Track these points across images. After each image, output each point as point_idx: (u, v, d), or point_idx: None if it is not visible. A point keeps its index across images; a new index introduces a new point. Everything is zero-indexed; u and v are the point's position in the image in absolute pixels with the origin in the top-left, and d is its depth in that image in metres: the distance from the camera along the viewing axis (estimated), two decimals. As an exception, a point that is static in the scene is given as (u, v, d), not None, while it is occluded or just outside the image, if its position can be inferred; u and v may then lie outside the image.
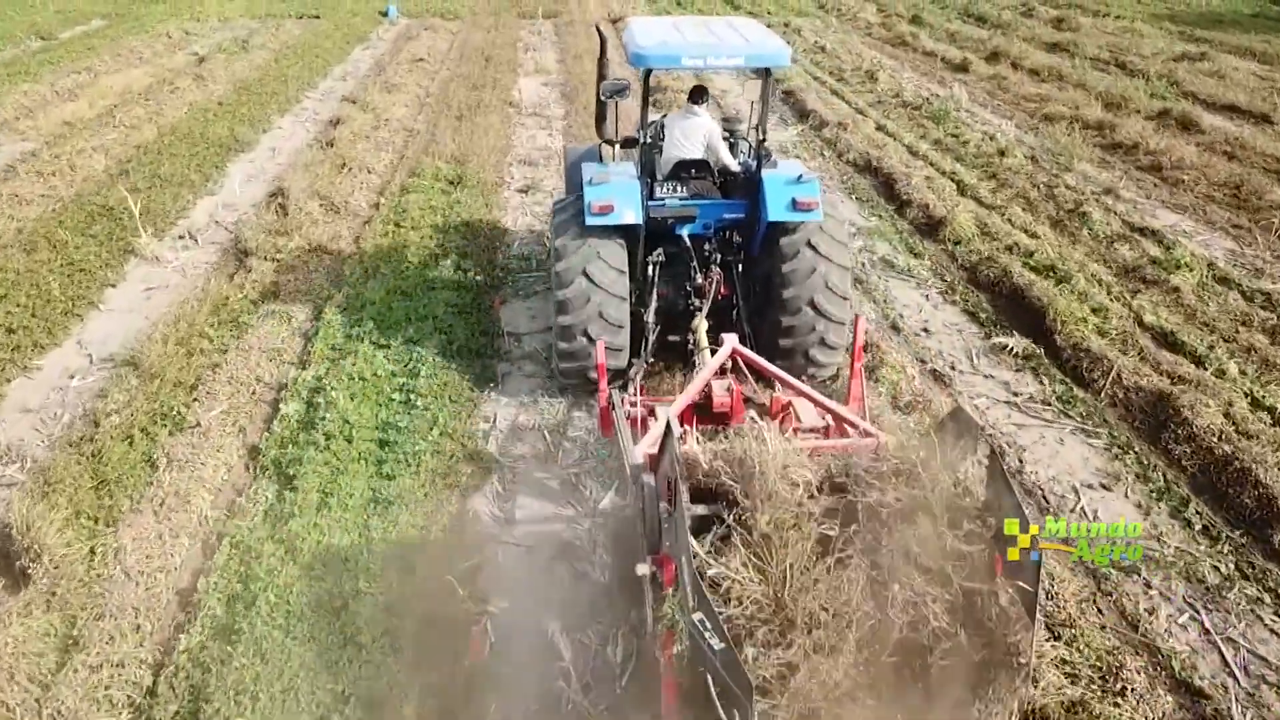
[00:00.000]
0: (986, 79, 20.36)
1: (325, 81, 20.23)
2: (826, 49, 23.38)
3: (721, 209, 7.76)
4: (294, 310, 9.53)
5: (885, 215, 12.63)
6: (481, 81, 19.48)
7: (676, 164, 7.77)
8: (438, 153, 14.52)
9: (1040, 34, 25.12)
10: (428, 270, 10.26)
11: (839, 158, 15.02)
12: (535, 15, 28.15)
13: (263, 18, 27.74)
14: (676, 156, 7.81)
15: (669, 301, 7.85)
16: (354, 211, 12.32)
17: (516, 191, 13.35)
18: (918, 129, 16.59)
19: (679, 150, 7.83)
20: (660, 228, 7.68)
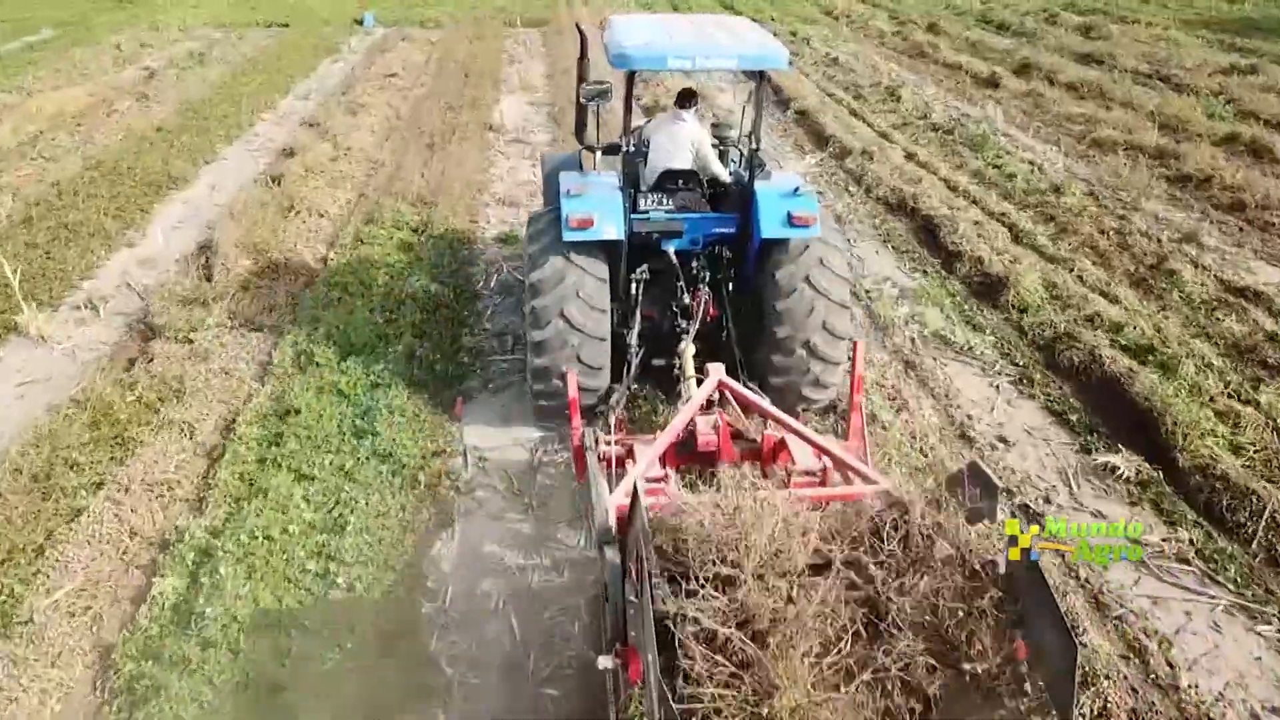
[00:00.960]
0: (1020, 96, 18.35)
1: (285, 101, 18.15)
2: (839, 61, 21.37)
3: (711, 223, 7.16)
4: (199, 418, 7.45)
5: (932, 271, 10.59)
6: (459, 100, 17.42)
7: (662, 174, 7.14)
8: (402, 191, 12.46)
9: (1069, 43, 23.14)
10: (374, 358, 8.19)
11: (867, 194, 12.98)
12: (515, 24, 26.09)
13: (227, 27, 25.66)
14: (662, 166, 7.19)
15: (654, 323, 7.26)
16: (295, 270, 10.25)
17: (493, 240, 11.30)
18: (953, 157, 14.57)
19: (665, 159, 7.21)
20: (645, 243, 7.09)
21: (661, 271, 7.27)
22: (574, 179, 7.06)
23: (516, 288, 9.94)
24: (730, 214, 7.16)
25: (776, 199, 6.71)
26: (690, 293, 7.12)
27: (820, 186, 13.40)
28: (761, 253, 6.93)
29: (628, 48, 6.40)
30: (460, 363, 8.41)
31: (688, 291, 7.13)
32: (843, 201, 12.78)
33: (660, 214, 7.08)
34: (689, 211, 7.15)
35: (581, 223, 6.51)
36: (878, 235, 11.67)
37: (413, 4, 29.95)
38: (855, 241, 11.43)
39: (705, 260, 7.30)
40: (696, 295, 7.10)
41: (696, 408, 5.58)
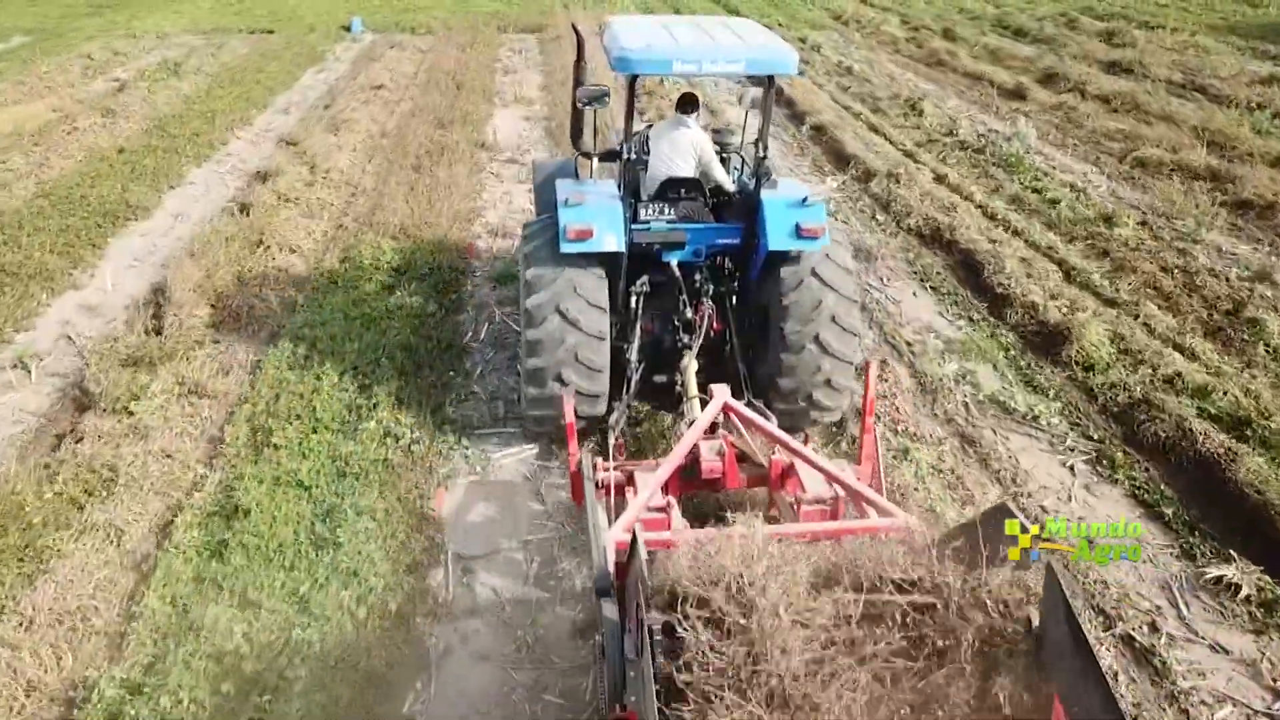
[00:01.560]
0: (1049, 109, 17.16)
1: (263, 116, 16.92)
2: (854, 70, 20.17)
3: (714, 234, 6.90)
4: (130, 519, 6.24)
5: (979, 318, 9.38)
6: (449, 115, 16.19)
7: (664, 182, 6.87)
8: (384, 223, 11.24)
9: (1093, 51, 21.94)
10: (343, 435, 6.99)
11: (897, 224, 11.78)
12: (507, 30, 24.91)
13: (208, 34, 24.42)
14: (664, 174, 6.94)
15: (654, 338, 7.00)
16: (259, 320, 9.04)
17: (485, 279, 10.10)
18: (986, 180, 13.37)
19: (666, 167, 6.98)
20: (645, 254, 6.83)
21: (662, 284, 6.98)
22: (571, 187, 6.69)
23: (511, 338, 8.75)
24: (735, 224, 6.89)
25: (784, 209, 6.38)
26: (693, 306, 6.83)
27: (844, 214, 12.20)
28: (767, 265, 6.65)
29: (629, 51, 6.05)
30: (441, 435, 7.19)
31: (690, 305, 6.83)
32: (871, 233, 11.56)
33: (662, 224, 6.80)
34: (691, 221, 6.89)
35: (580, 234, 6.21)
36: (913, 273, 10.46)
37: (403, 9, 28.74)
38: (888, 281, 10.23)
39: (708, 272, 7.01)
40: (699, 309, 6.82)
41: (700, 432, 5.36)
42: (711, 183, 7.13)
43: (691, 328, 6.78)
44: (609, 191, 6.68)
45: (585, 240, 6.23)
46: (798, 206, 6.40)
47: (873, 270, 10.40)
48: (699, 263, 6.99)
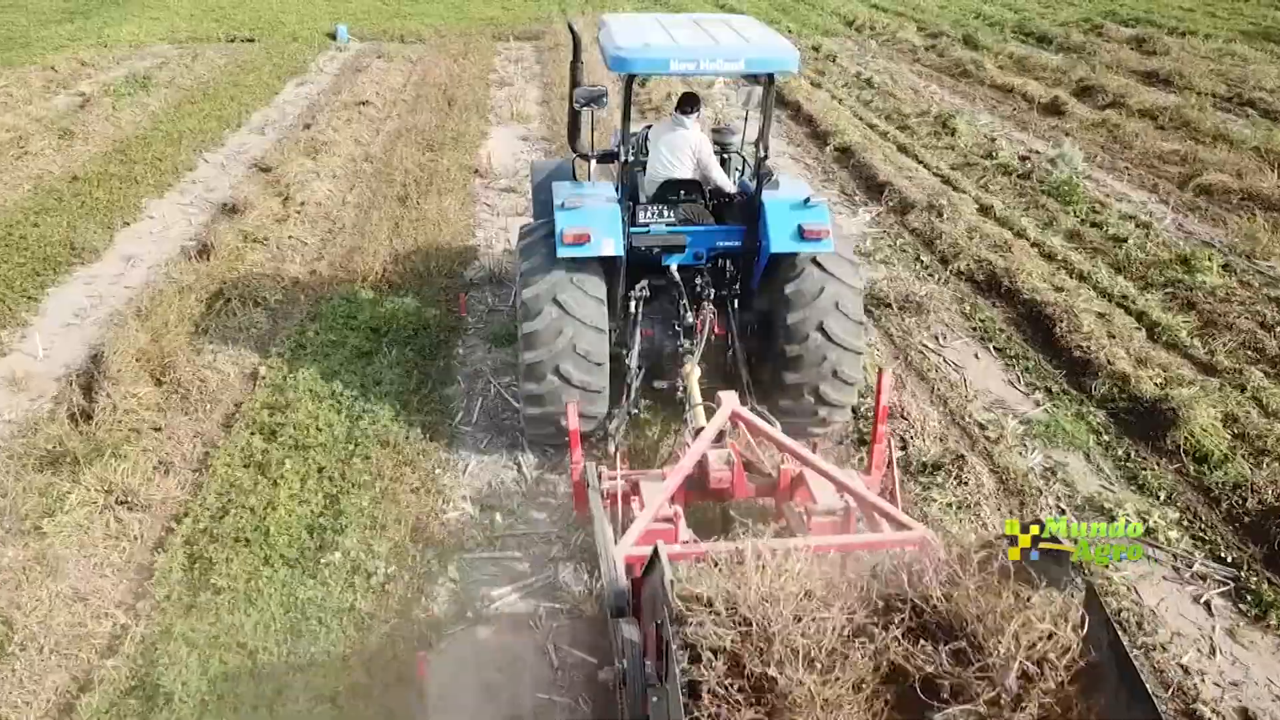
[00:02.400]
0: (1092, 126, 15.80)
1: (236, 136, 15.49)
2: (874, 83, 18.79)
3: (715, 236, 6.80)
4: (17, 700, 4.82)
5: (1058, 390, 8.00)
6: (440, 137, 14.79)
7: (663, 184, 6.74)
8: (364, 269, 9.85)
9: (1126, 60, 20.61)
10: (299, 571, 5.59)
11: (944, 265, 10.40)
12: (502, 37, 23.52)
13: (184, 43, 22.97)
14: (663, 175, 6.81)
15: (655, 343, 6.87)
16: (211, 399, 7.65)
17: (480, 340, 8.72)
18: (1037, 211, 12.00)
19: (665, 168, 6.84)
20: (645, 258, 6.70)
21: (662, 288, 6.87)
22: (568, 190, 6.58)
23: (509, 417, 7.37)
24: (736, 227, 6.75)
25: (786, 211, 6.25)
26: (694, 310, 6.70)
27: (883, 253, 10.82)
28: (769, 267, 6.52)
29: (625, 50, 5.89)
30: (425, 565, 5.79)
31: (691, 309, 6.69)
32: (917, 278, 10.17)
33: (661, 227, 6.69)
34: (692, 224, 6.82)
35: (577, 238, 6.07)
36: (972, 330, 9.08)
37: (392, 14, 27.30)
38: (945, 340, 8.85)
39: (709, 276, 6.86)
40: (700, 313, 6.70)
41: (709, 441, 5.15)
42: (711, 184, 6.94)
43: (693, 332, 6.61)
44: (606, 194, 6.52)
45: (583, 245, 6.06)
46: (800, 208, 6.25)
47: (925, 326, 9.01)
48: (700, 266, 6.83)
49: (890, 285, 9.75)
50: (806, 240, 6.18)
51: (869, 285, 9.76)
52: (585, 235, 6.06)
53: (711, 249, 6.80)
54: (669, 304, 6.85)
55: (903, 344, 8.73)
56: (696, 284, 6.80)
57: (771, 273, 6.51)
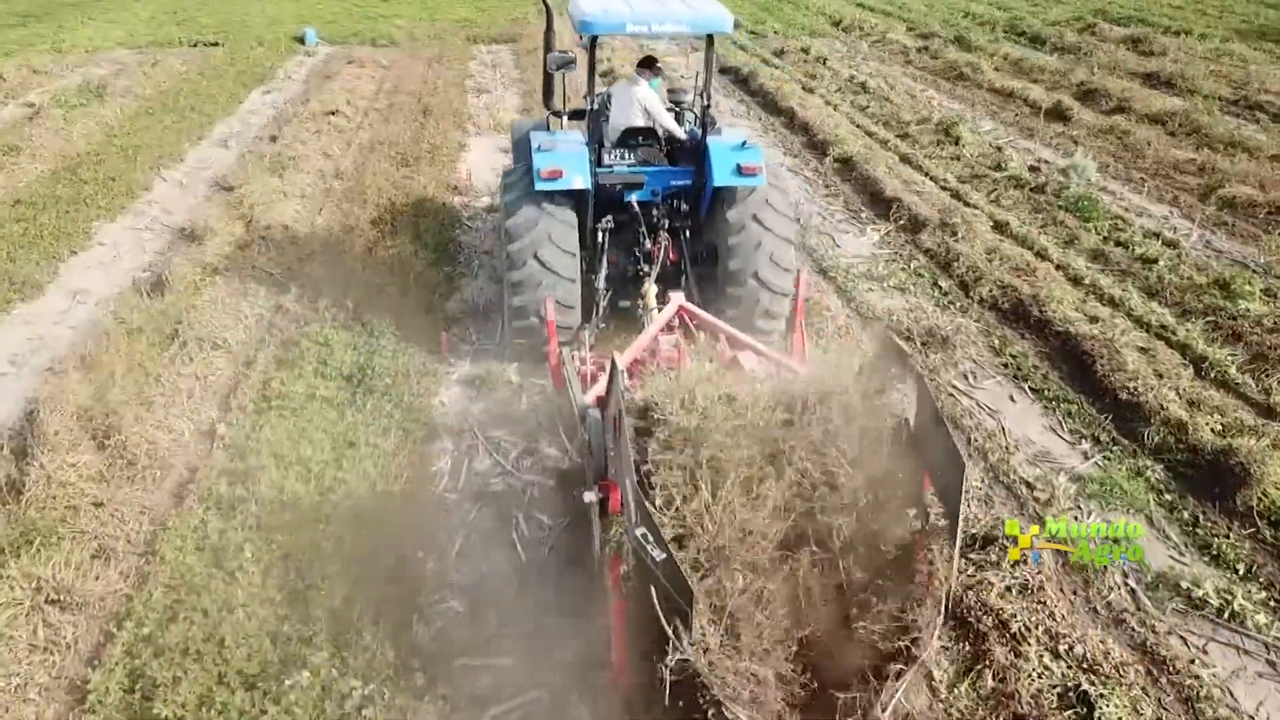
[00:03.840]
0: (1099, 133, 15.14)
1: (198, 149, 14.51)
2: (868, 87, 18.04)
3: (669, 176, 7.88)
4: None
5: (1107, 439, 7.26)
6: (415, 148, 13.90)
7: (624, 132, 7.88)
8: (336, 305, 8.95)
9: (1123, 61, 20.03)
10: (259, 695, 4.72)
11: (965, 293, 9.65)
12: (478, 40, 22.61)
13: (144, 48, 21.86)
14: (623, 124, 7.93)
15: (619, 268, 7.89)
16: (160, 463, 6.77)
17: (462, 388, 7.85)
18: (1056, 228, 11.28)
19: (625, 118, 7.95)
20: (609, 195, 7.75)
21: (625, 221, 7.83)
22: (544, 137, 7.55)
23: (500, 483, 6.53)
24: (686, 167, 7.82)
25: (726, 151, 7.32)
26: (651, 239, 7.70)
27: (898, 278, 10.05)
28: (714, 201, 7.63)
29: (589, 15, 6.89)
30: (408, 680, 4.93)
31: (649, 238, 7.70)
32: (939, 306, 9.42)
33: (622, 167, 7.77)
34: (648, 165, 7.85)
35: (551, 173, 7.07)
36: (1004, 367, 8.32)
37: (363, 16, 26.30)
38: (976, 380, 8.10)
39: (665, 210, 7.86)
40: (657, 240, 7.69)
41: (661, 325, 6.18)
42: (664, 131, 7.98)
43: (650, 258, 7.62)
44: (577, 139, 7.54)
45: (556, 180, 7.07)
46: (738, 149, 7.32)
47: (952, 364, 8.25)
48: (656, 201, 7.87)
49: (911, 317, 8.99)
50: (744, 175, 7.26)
51: (888, 316, 9.02)
52: (558, 171, 7.08)
53: (666, 187, 7.89)
54: (631, 235, 7.84)
55: (930, 385, 7.94)
56: (654, 216, 7.83)
57: (716, 206, 7.66)
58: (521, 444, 7.12)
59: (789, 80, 18.38)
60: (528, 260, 7.20)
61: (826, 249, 10.85)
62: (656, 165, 7.91)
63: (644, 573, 3.61)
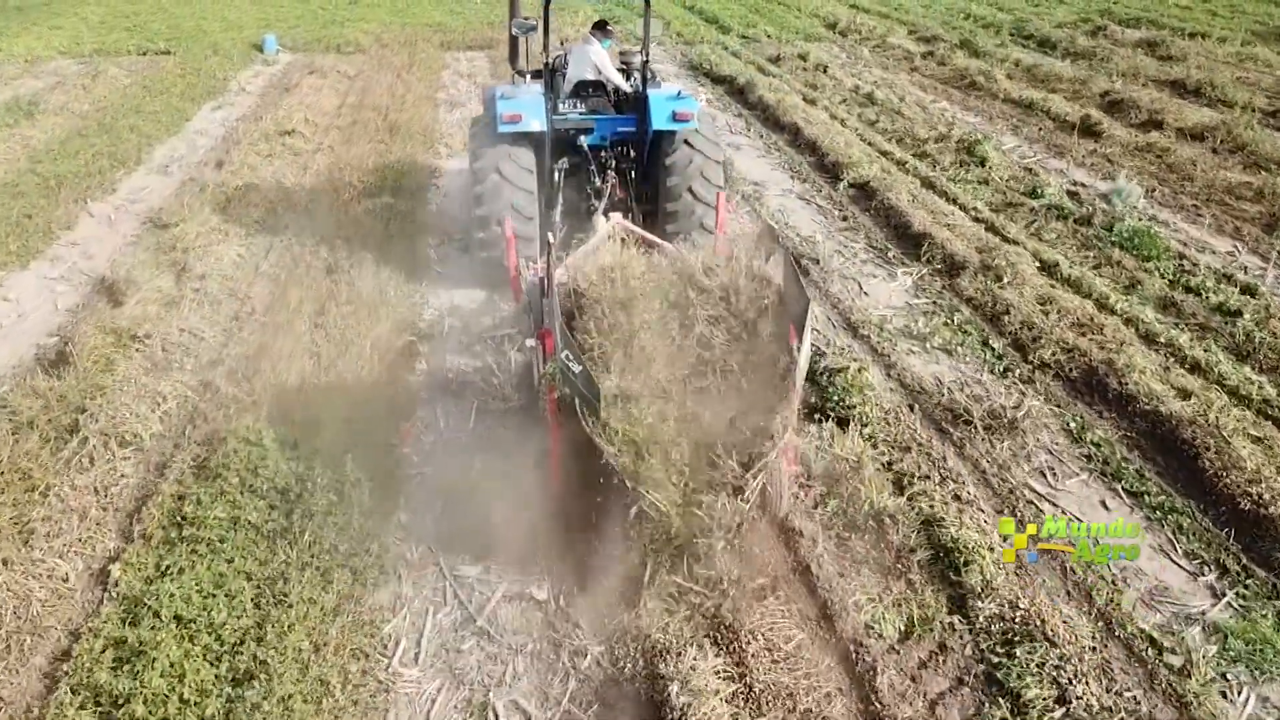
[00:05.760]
0: (1135, 151, 13.76)
1: (134, 177, 12.89)
2: (875, 98, 16.60)
3: (616, 123, 9.09)
4: None
5: (1235, 567, 5.80)
6: (380, 175, 12.33)
7: (576, 84, 9.01)
8: (274, 384, 7.40)
9: (1142, 67, 18.66)
10: None
11: (1023, 355, 8.22)
12: (452, 46, 21.01)
13: (88, 57, 20.14)
14: (576, 78, 9.03)
15: (573, 204, 9.03)
16: (35, 627, 5.25)
17: (430, 498, 6.32)
18: (1112, 269, 9.88)
19: (577, 73, 9.04)
20: (564, 139, 8.97)
21: (578, 163, 9.08)
22: (507, 88, 8.85)
23: (472, 651, 5.01)
24: (631, 115, 9.06)
25: (664, 101, 8.49)
26: (601, 178, 9.01)
27: (940, 336, 8.58)
28: (654, 143, 8.90)
29: None
30: None
31: (599, 177, 9.02)
32: (992, 372, 7.97)
33: (575, 115, 9.01)
34: (598, 114, 9.08)
35: (512, 118, 8.28)
36: (1087, 459, 6.87)
37: (329, 20, 24.63)
38: (1056, 476, 6.64)
39: (613, 153, 9.15)
40: (606, 179, 8.99)
41: (602, 240, 6.81)
42: (611, 85, 9.06)
43: (600, 195, 8.83)
44: (535, 91, 8.67)
45: (516, 123, 8.26)
46: (674, 99, 8.46)
47: (1024, 454, 6.80)
48: (605, 145, 9.03)
49: (964, 392, 7.54)
50: (679, 121, 8.36)
51: (938, 391, 7.57)
52: (518, 116, 8.22)
53: (614, 133, 9.08)
54: (583, 175, 9.06)
55: (1000, 485, 6.51)
56: (603, 157, 9.05)
57: (656, 147, 8.88)
58: (502, 586, 5.61)
59: (790, 91, 16.91)
60: (491, 195, 8.36)
61: (853, 298, 9.38)
62: (605, 114, 9.08)
63: (567, 383, 4.90)
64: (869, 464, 6.43)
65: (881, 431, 6.89)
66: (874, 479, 6.28)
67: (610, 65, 9.09)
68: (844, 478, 6.35)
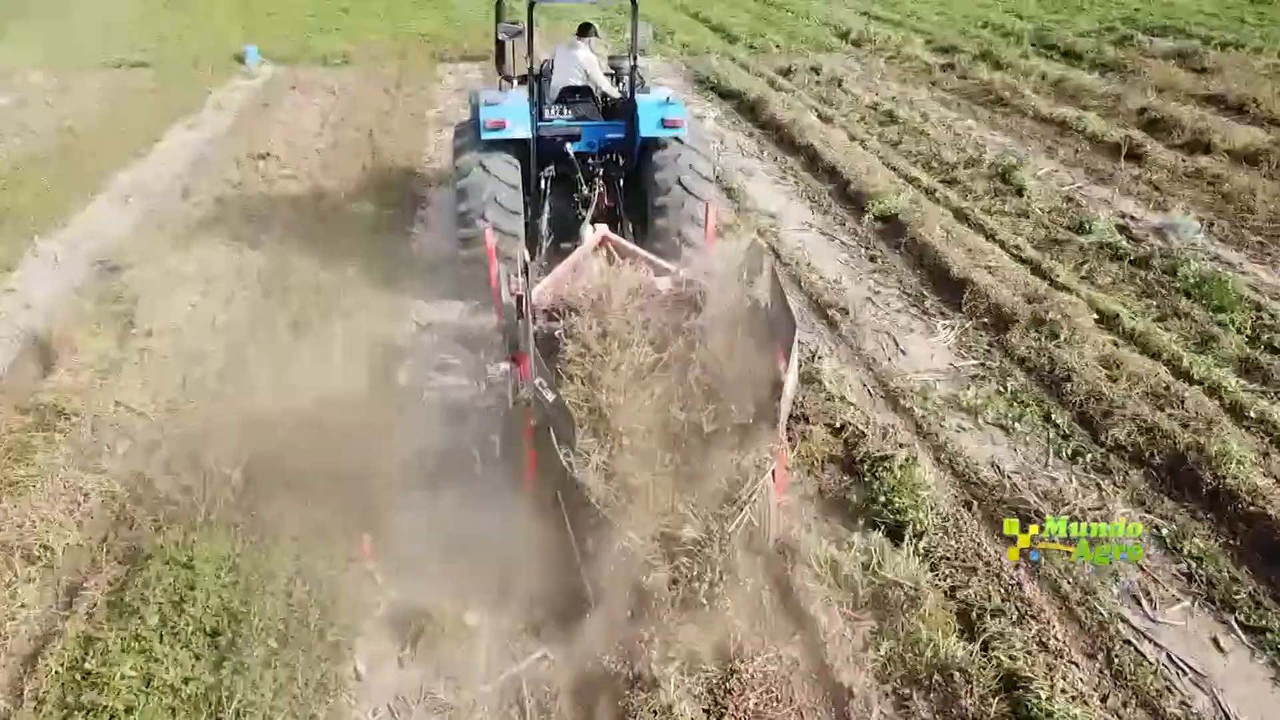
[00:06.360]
0: (1185, 178, 12.64)
1: (90, 208, 11.78)
2: (896, 116, 15.47)
3: (604, 129, 8.83)
4: None
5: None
6: (361, 210, 11.21)
7: (563, 90, 8.82)
8: (218, 475, 6.26)
9: (1177, 80, 17.53)
10: None
11: (1094, 435, 7.07)
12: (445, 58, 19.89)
13: (62, 70, 18.96)
14: (562, 84, 8.84)
15: (560, 213, 8.70)
16: None
17: (396, 632, 5.19)
18: (1180, 322, 8.76)
19: (564, 78, 8.85)
20: (550, 146, 8.65)
21: (566, 171, 8.75)
22: (492, 94, 8.62)
23: None
24: (619, 122, 8.83)
25: (653, 107, 8.34)
26: (589, 186, 8.64)
27: (994, 408, 7.44)
28: (643, 149, 8.64)
29: None
30: None
31: (587, 185, 8.65)
32: (1058, 455, 6.82)
33: (561, 121, 8.76)
34: (585, 120, 8.83)
35: (496, 124, 8.14)
36: (1188, 579, 5.72)
37: (318, 28, 23.57)
38: (1153, 603, 5.50)
39: (601, 161, 8.82)
40: (594, 187, 8.63)
41: (587, 252, 6.61)
42: (599, 90, 8.99)
43: (588, 203, 8.57)
44: (521, 96, 8.54)
45: (500, 130, 8.15)
46: (663, 105, 8.36)
47: (1112, 575, 5.64)
48: (593, 153, 8.85)
49: (1030, 485, 6.42)
50: (668, 128, 8.24)
51: (999, 482, 6.43)
52: (502, 122, 8.12)
53: (602, 140, 8.76)
54: (571, 183, 8.67)
55: (1088, 617, 5.36)
56: (590, 165, 8.68)
57: (645, 155, 8.57)
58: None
59: (804, 108, 15.79)
60: (474, 203, 8.12)
61: (889, 358, 8.25)
62: (593, 120, 8.83)
63: (542, 413, 4.99)
64: (929, 592, 5.28)
65: (940, 544, 5.75)
66: (936, 613, 5.14)
67: (598, 69, 8.93)
68: (898, 609, 5.22)
